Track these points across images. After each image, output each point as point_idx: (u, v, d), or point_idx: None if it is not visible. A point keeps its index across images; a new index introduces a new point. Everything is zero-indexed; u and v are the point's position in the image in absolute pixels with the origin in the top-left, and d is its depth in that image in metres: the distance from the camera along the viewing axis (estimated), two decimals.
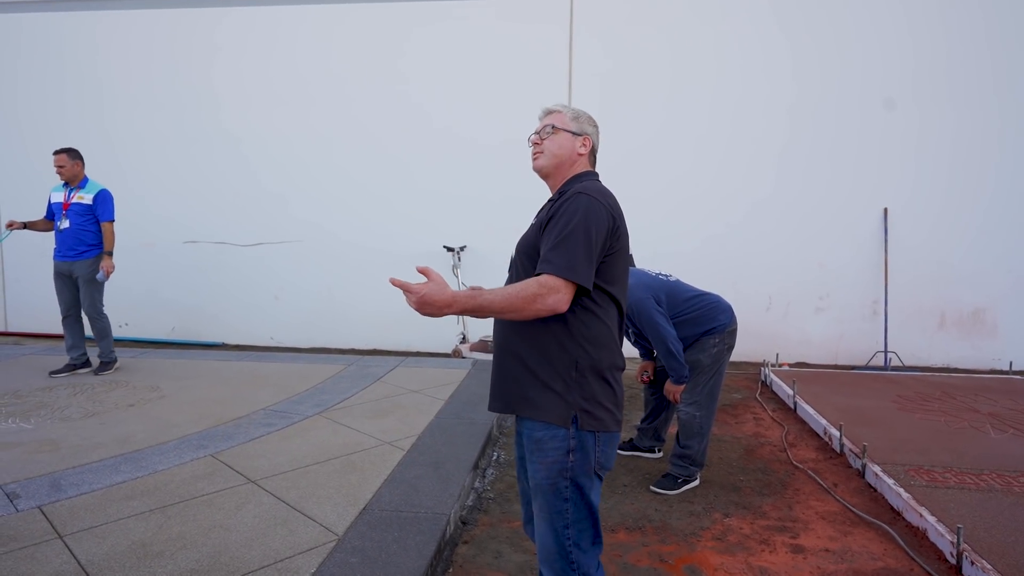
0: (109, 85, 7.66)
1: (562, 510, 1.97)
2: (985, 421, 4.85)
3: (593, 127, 2.21)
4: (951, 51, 6.64)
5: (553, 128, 2.16)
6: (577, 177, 2.14)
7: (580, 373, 1.96)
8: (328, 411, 4.95)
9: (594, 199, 1.96)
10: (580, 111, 2.22)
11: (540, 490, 2.00)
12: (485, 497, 3.75)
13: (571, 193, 1.99)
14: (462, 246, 7.22)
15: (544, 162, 2.16)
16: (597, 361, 1.98)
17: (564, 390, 1.96)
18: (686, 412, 3.86)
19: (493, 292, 1.84)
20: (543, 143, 2.16)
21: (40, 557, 2.85)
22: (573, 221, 1.90)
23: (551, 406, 1.96)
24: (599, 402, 1.98)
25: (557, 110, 2.21)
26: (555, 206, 1.98)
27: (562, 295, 1.85)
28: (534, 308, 1.84)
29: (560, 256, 1.86)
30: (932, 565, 2.99)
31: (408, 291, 1.80)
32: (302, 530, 3.11)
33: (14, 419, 4.69)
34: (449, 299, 1.81)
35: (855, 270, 6.90)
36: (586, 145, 2.17)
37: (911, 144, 6.75)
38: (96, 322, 5.94)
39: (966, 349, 6.86)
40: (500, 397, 2.10)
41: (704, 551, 3.16)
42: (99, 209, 5.84)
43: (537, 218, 2.08)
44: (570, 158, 2.16)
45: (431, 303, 1.80)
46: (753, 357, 6.87)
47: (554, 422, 1.95)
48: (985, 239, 6.75)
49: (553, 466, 1.96)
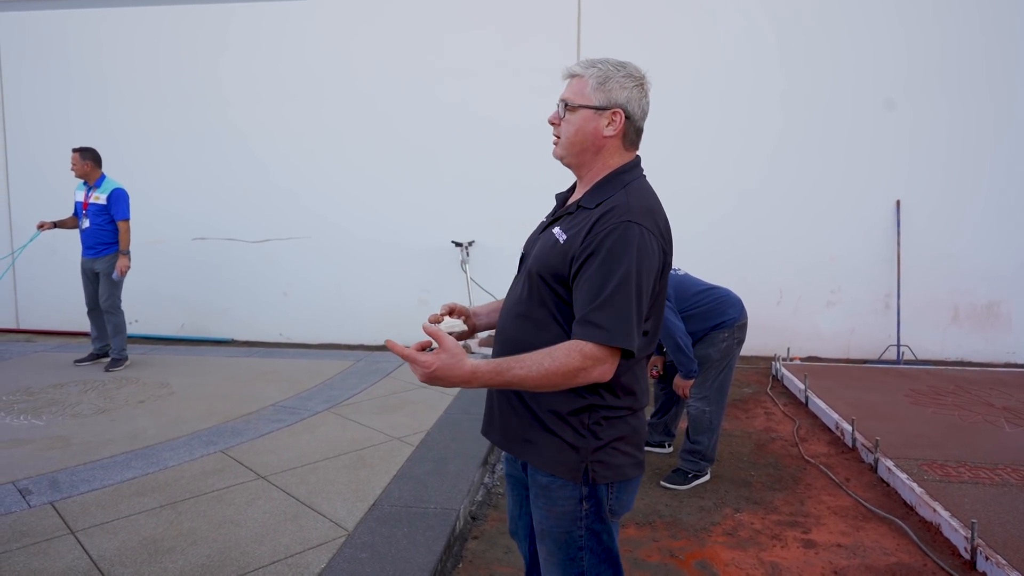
0: (115, 82, 7.67)
1: (576, 558, 1.67)
2: (999, 415, 4.80)
3: (631, 90, 1.64)
4: (968, 41, 6.55)
5: (567, 106, 1.66)
6: (619, 175, 1.66)
7: (596, 419, 1.61)
8: (337, 407, 4.96)
9: (645, 231, 1.54)
10: (611, 68, 1.63)
11: (548, 536, 1.69)
12: (495, 492, 3.74)
13: (616, 218, 1.54)
14: (470, 241, 7.19)
15: (560, 152, 1.70)
16: (618, 408, 1.63)
17: (575, 439, 1.61)
18: (696, 407, 3.84)
19: (523, 365, 1.46)
20: (560, 124, 1.68)
21: (52, 552, 2.87)
22: (621, 269, 1.49)
23: (558, 456, 1.62)
24: (616, 447, 1.63)
25: (578, 73, 1.66)
26: (594, 233, 1.54)
27: (608, 366, 1.51)
28: (575, 383, 1.50)
29: (608, 320, 1.48)
30: (946, 560, 2.96)
31: (414, 362, 1.44)
32: (312, 526, 3.12)
33: (26, 416, 4.72)
34: (467, 375, 1.45)
35: (867, 263, 6.84)
36: (615, 122, 1.63)
37: (924, 136, 6.67)
38: (112, 317, 6.08)
39: (980, 343, 6.79)
40: (496, 428, 1.78)
41: (715, 546, 3.14)
42: (113, 208, 5.98)
43: (562, 230, 1.64)
44: (594, 143, 1.65)
45: (442, 379, 1.44)
46: (764, 351, 6.83)
47: (561, 475, 1.62)
48: (999, 232, 6.67)
49: (564, 516, 1.65)
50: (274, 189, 7.51)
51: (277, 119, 7.43)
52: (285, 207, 7.53)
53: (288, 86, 7.39)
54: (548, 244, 1.66)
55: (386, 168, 7.33)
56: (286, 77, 7.39)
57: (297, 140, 7.43)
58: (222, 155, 7.57)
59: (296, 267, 7.58)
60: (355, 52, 7.28)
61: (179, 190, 7.66)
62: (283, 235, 7.56)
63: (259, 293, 7.66)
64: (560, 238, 1.63)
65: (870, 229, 6.80)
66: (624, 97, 1.63)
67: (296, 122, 7.41)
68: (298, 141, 7.43)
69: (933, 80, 6.62)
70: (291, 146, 7.45)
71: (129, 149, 7.64)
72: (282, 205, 7.53)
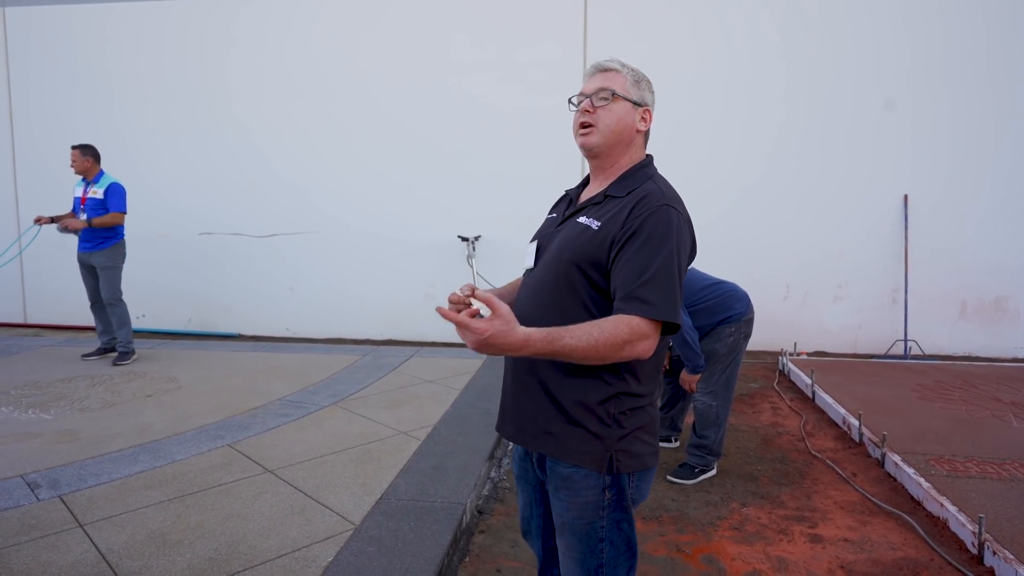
0: (120, 77, 7.68)
1: (596, 550, 1.69)
2: (1007, 410, 4.78)
3: (652, 96, 1.78)
4: (976, 34, 6.51)
5: (613, 95, 1.70)
6: (641, 168, 1.74)
7: (622, 409, 1.64)
8: (344, 401, 4.97)
9: (681, 215, 1.63)
10: (641, 72, 1.76)
11: (569, 529, 1.71)
12: (501, 487, 3.75)
13: (655, 202, 1.60)
14: (476, 236, 7.19)
15: (597, 140, 1.71)
16: (641, 394, 1.67)
17: (600, 429, 1.64)
18: (702, 402, 3.84)
19: (573, 335, 1.47)
20: (596, 112, 1.70)
21: (61, 546, 2.88)
22: (665, 249, 1.56)
23: (583, 447, 1.64)
24: (638, 437, 1.67)
25: (615, 68, 1.73)
26: (634, 215, 1.59)
27: (652, 340, 1.54)
28: (621, 356, 1.52)
29: (655, 295, 1.52)
30: (953, 555, 2.95)
31: (467, 328, 1.41)
32: (319, 519, 3.13)
33: (34, 410, 4.74)
34: (520, 342, 1.43)
35: (874, 258, 6.81)
36: (647, 120, 1.75)
37: (932, 130, 6.64)
38: (115, 308, 6.10)
39: (987, 337, 6.76)
40: (515, 424, 1.78)
41: (721, 541, 3.14)
42: (109, 201, 5.98)
43: (592, 218, 1.67)
44: (628, 136, 1.73)
45: (496, 345, 1.42)
46: (771, 346, 6.82)
47: (585, 466, 1.65)
48: (1007, 226, 6.63)
49: (587, 506, 1.67)
50: (280, 184, 7.52)
51: (283, 114, 7.43)
52: (291, 202, 7.54)
53: (294, 81, 7.39)
54: (577, 232, 1.68)
55: (392, 163, 7.33)
56: (292, 72, 7.39)
57: (303, 135, 7.43)
58: (228, 150, 7.58)
59: (302, 262, 7.59)
60: (361, 48, 7.27)
61: (185, 185, 7.68)
62: (289, 230, 7.57)
63: (265, 288, 7.67)
64: (592, 225, 1.66)
65: (877, 223, 6.77)
66: (651, 99, 1.77)
67: (302, 117, 7.41)
68: (304, 136, 7.43)
69: (940, 73, 6.58)
70: (297, 141, 7.45)
71: (136, 144, 7.67)
72: (288, 200, 7.54)
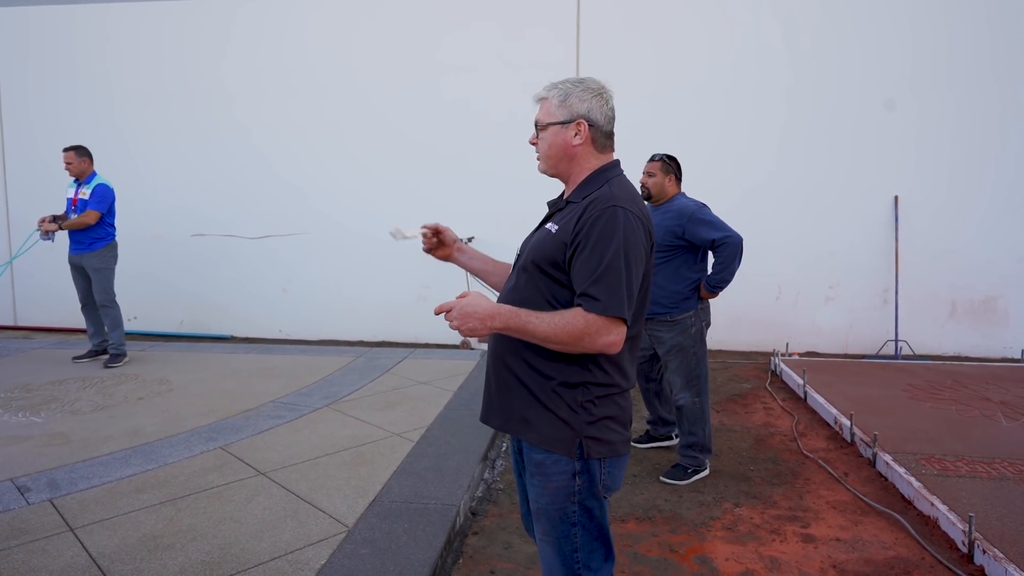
0: (118, 78, 7.65)
1: (569, 535, 1.80)
2: (997, 410, 4.82)
3: (590, 100, 1.81)
4: (962, 38, 6.55)
5: (542, 125, 1.86)
6: (600, 173, 1.83)
7: (589, 397, 1.76)
8: (337, 403, 4.96)
9: (629, 214, 1.71)
10: (570, 86, 1.83)
11: (544, 514, 1.82)
12: (495, 488, 3.75)
13: (602, 204, 1.71)
14: (470, 237, 7.18)
15: (542, 166, 1.91)
16: (610, 384, 1.79)
17: (569, 416, 1.76)
18: (686, 399, 3.85)
19: (537, 316, 1.67)
20: (537, 143, 1.89)
21: (52, 550, 2.87)
22: (612, 248, 1.67)
23: (554, 432, 1.76)
24: (607, 426, 1.79)
25: (543, 96, 1.87)
26: (584, 220, 1.72)
27: (613, 336, 1.67)
28: (581, 346, 1.67)
29: (604, 291, 1.65)
30: (944, 554, 2.97)
31: (447, 308, 1.69)
32: (312, 522, 3.12)
33: (24, 413, 4.71)
34: (491, 310, 1.67)
35: (865, 259, 6.85)
36: (581, 132, 1.81)
37: (922, 132, 6.67)
38: (108, 310, 6.07)
39: (977, 338, 6.80)
40: (496, 411, 1.90)
41: (714, 541, 3.15)
42: (91, 199, 5.94)
43: (554, 223, 1.82)
44: (567, 153, 1.84)
45: (472, 314, 1.66)
46: (763, 346, 6.84)
47: (557, 451, 1.76)
48: (996, 227, 6.68)
49: (559, 491, 1.78)
50: (274, 185, 7.50)
51: (278, 114, 7.42)
52: (285, 203, 7.52)
53: (290, 82, 7.38)
54: (542, 237, 1.84)
55: (385, 164, 7.32)
56: (289, 73, 7.38)
57: (298, 135, 7.42)
58: (222, 151, 7.56)
59: (296, 263, 7.58)
60: (355, 48, 7.26)
61: (181, 184, 7.65)
62: (282, 231, 7.56)
63: (259, 289, 7.65)
64: (552, 229, 1.81)
65: (870, 225, 6.81)
66: (585, 108, 1.81)
67: (297, 117, 7.40)
68: (299, 136, 7.42)
69: (933, 76, 6.61)
70: (292, 141, 7.44)
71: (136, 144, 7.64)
72: (282, 201, 7.52)
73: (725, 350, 6.93)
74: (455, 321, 1.67)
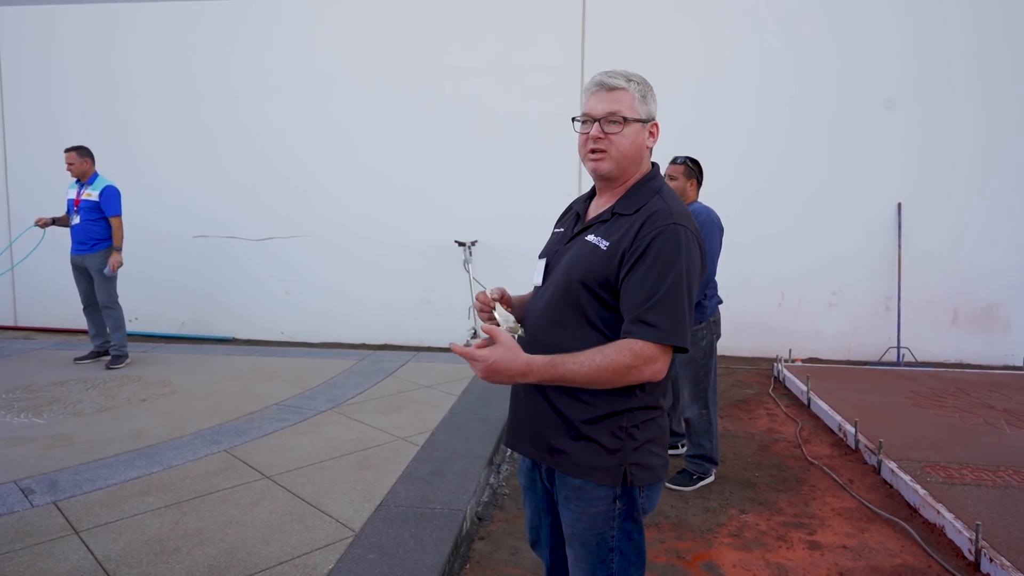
0: (125, 78, 7.65)
1: (607, 560, 1.69)
2: (1000, 417, 4.82)
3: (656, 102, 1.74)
4: (964, 43, 6.56)
5: (624, 119, 1.65)
6: (648, 181, 1.72)
7: (634, 423, 1.64)
8: (341, 406, 4.95)
9: (690, 233, 1.60)
10: (645, 83, 1.70)
11: (579, 539, 1.70)
12: (500, 493, 3.74)
13: (662, 221, 1.59)
14: (473, 241, 7.19)
15: (611, 167, 1.67)
16: (654, 406, 1.67)
17: (612, 443, 1.63)
18: (695, 412, 3.84)
19: (576, 360, 1.51)
20: (608, 139, 1.65)
21: (57, 553, 2.86)
22: (674, 270, 1.55)
23: (596, 462, 1.64)
24: (650, 450, 1.67)
25: (621, 86, 1.66)
26: (642, 236, 1.58)
27: (660, 364, 1.55)
28: (627, 381, 1.54)
29: (664, 318, 1.52)
30: (950, 562, 2.97)
31: (473, 359, 1.50)
32: (319, 526, 3.11)
33: (27, 414, 4.70)
34: (523, 368, 1.50)
35: (868, 265, 6.85)
36: (655, 134, 1.71)
37: (926, 138, 6.68)
38: (112, 312, 6.07)
39: (979, 345, 6.81)
40: (526, 439, 1.77)
41: (721, 547, 3.15)
42: (105, 205, 5.98)
43: (600, 237, 1.66)
44: (640, 155, 1.70)
45: (500, 372, 1.50)
46: (766, 352, 6.85)
47: (600, 481, 1.65)
48: (999, 234, 6.69)
49: (598, 517, 1.66)
50: (278, 186, 7.50)
51: (284, 116, 7.41)
52: (288, 204, 7.51)
53: (298, 84, 7.38)
54: (586, 252, 1.67)
55: (390, 167, 7.32)
56: (297, 75, 7.37)
57: (303, 137, 7.41)
58: (227, 152, 7.55)
59: (298, 265, 7.57)
60: (363, 50, 7.27)
61: (184, 186, 7.64)
62: (286, 233, 7.55)
63: (261, 291, 7.64)
64: (601, 244, 1.65)
65: (872, 231, 6.81)
66: (656, 110, 1.72)
67: (303, 119, 7.39)
68: (304, 138, 7.41)
69: (936, 83, 6.62)
70: (297, 143, 7.43)
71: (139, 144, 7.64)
72: (285, 202, 7.51)
73: (728, 356, 6.93)
74: (479, 375, 1.52)
